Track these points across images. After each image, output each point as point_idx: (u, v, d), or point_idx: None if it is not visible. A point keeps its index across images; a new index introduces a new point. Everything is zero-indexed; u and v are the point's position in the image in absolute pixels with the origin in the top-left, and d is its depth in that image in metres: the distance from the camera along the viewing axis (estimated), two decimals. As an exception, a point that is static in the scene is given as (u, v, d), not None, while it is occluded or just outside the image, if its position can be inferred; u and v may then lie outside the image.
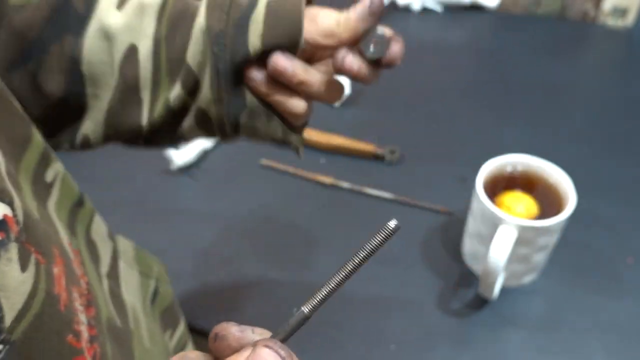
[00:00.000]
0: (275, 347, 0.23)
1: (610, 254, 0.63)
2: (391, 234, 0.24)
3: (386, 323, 0.57)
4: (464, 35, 1.02)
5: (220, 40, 0.35)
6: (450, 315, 0.58)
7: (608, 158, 0.74)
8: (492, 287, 0.54)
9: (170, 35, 0.36)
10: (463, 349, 0.55)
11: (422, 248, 0.64)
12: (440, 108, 0.85)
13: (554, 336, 0.56)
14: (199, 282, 0.63)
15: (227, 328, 0.24)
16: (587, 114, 0.83)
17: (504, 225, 0.53)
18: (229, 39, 0.35)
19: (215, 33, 0.34)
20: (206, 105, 0.37)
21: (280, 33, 0.34)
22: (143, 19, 0.36)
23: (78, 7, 0.36)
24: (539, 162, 0.59)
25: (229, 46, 0.35)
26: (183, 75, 0.36)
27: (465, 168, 0.74)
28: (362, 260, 0.24)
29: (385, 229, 0.24)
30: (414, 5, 1.08)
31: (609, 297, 0.59)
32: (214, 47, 0.35)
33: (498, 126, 0.80)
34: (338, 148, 0.77)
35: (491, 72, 0.91)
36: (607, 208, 0.67)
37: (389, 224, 0.24)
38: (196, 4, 0.37)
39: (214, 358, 0.24)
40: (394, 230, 0.24)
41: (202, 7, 0.36)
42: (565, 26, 1.01)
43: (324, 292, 0.25)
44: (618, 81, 0.88)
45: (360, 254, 0.24)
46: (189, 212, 0.71)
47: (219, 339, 0.24)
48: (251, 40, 0.34)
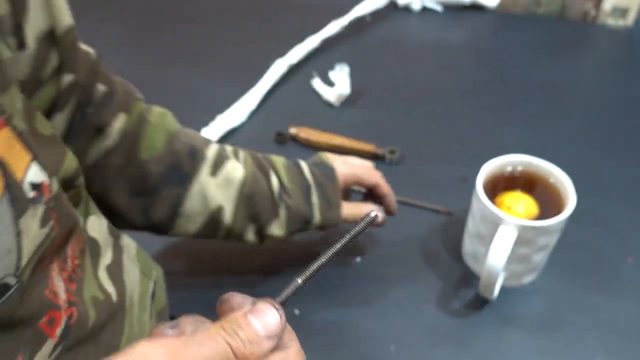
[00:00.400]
0: (272, 302, 0.28)
1: (610, 254, 0.62)
2: (370, 223, 0.33)
3: (386, 323, 0.57)
4: (464, 35, 1.02)
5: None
6: (450, 315, 0.58)
7: (608, 158, 0.74)
8: (492, 287, 0.54)
9: (245, 204, 0.51)
10: (463, 349, 0.55)
11: (422, 248, 0.64)
12: (440, 108, 0.85)
13: (554, 336, 0.56)
14: (195, 284, 0.63)
15: (231, 294, 0.29)
16: (587, 114, 0.82)
17: (504, 225, 0.53)
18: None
19: (291, 232, 0.54)
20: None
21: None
22: (228, 189, 0.50)
23: (186, 168, 0.49)
24: (539, 162, 0.59)
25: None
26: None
27: (465, 168, 0.74)
28: (347, 242, 0.32)
29: (367, 218, 0.33)
30: (414, 4, 1.08)
31: (609, 297, 0.59)
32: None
33: (498, 126, 0.80)
34: (338, 148, 0.77)
35: (491, 72, 0.91)
36: (607, 208, 0.67)
37: (370, 215, 0.33)
38: (270, 192, 0.52)
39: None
40: (372, 220, 0.33)
41: (282, 215, 0.53)
42: (566, 26, 1.01)
43: (315, 267, 0.32)
44: (618, 81, 0.88)
45: (346, 237, 0.32)
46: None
47: (223, 302, 0.29)
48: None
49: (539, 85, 0.88)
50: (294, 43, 0.95)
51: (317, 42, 0.96)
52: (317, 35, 0.97)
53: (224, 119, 0.82)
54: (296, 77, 0.93)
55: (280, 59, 0.92)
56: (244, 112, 0.84)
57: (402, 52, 0.98)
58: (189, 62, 0.98)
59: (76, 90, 0.41)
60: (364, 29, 1.04)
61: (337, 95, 0.85)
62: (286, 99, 0.88)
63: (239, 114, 0.83)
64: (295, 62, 0.94)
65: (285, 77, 0.92)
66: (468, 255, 0.62)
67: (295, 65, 0.94)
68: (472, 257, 0.61)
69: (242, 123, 0.83)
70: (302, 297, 0.58)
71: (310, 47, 0.95)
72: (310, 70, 0.92)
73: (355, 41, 1.01)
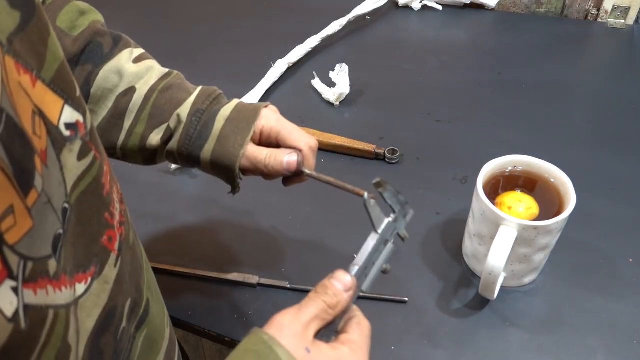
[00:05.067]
0: (344, 270, 0.39)
1: (610, 254, 0.62)
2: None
3: (386, 323, 0.57)
4: (463, 35, 1.02)
5: (199, 115, 0.49)
6: (450, 315, 0.58)
7: (608, 158, 0.74)
8: (493, 287, 0.54)
9: (163, 92, 0.49)
10: (463, 349, 0.55)
11: (422, 248, 0.64)
12: (441, 108, 0.85)
13: (554, 336, 0.56)
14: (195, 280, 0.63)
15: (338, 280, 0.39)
16: (587, 114, 0.82)
17: (504, 225, 0.53)
18: (202, 123, 0.49)
19: (197, 109, 0.49)
20: (174, 150, 0.50)
21: (222, 163, 0.49)
22: (149, 74, 0.49)
23: (105, 49, 0.48)
24: (539, 162, 0.59)
25: (199, 127, 0.48)
26: (162, 124, 0.49)
27: (465, 168, 0.74)
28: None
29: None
30: (414, 4, 1.08)
31: (609, 297, 0.58)
32: (192, 117, 0.48)
33: (498, 126, 0.80)
34: (338, 148, 0.77)
35: (491, 72, 0.91)
36: (607, 208, 0.67)
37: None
38: (192, 87, 0.50)
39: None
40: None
41: (195, 92, 0.50)
42: (566, 25, 1.01)
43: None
44: (619, 81, 0.88)
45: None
46: (187, 211, 0.71)
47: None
48: (205, 149, 0.48)
49: (539, 85, 0.88)
50: (294, 43, 0.95)
51: (317, 42, 0.96)
52: (317, 35, 0.97)
53: (224, 119, 0.82)
54: (296, 77, 0.93)
55: (280, 59, 0.92)
56: (244, 112, 0.84)
57: (402, 51, 0.98)
58: (189, 62, 0.98)
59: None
60: (364, 28, 1.04)
61: (337, 95, 0.85)
62: (286, 99, 0.88)
63: (239, 114, 0.83)
64: (295, 62, 0.94)
65: (285, 77, 0.92)
66: (468, 255, 0.62)
67: (295, 65, 0.94)
68: (472, 257, 0.61)
69: (242, 123, 0.83)
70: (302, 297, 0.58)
71: (310, 47, 0.96)
72: (310, 70, 0.92)
73: (355, 41, 1.01)
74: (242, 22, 1.09)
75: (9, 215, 0.23)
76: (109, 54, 0.48)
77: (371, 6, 1.04)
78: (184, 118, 0.48)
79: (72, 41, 0.47)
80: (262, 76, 0.90)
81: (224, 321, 0.59)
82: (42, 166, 0.27)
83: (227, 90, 0.88)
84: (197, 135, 0.48)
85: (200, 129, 0.48)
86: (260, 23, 1.08)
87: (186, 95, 0.49)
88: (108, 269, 0.34)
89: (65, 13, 0.47)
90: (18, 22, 0.27)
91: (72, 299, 0.29)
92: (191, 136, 0.48)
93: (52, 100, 0.30)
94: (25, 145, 0.25)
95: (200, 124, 0.48)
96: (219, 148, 0.48)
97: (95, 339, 0.33)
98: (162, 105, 0.49)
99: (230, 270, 0.63)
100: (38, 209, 0.26)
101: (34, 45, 0.28)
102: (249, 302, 0.60)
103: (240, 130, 0.48)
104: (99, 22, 0.50)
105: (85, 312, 0.32)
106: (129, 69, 0.48)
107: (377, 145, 0.76)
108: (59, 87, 0.30)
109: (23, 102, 0.26)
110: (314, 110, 0.85)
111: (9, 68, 0.25)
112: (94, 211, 0.33)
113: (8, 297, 0.23)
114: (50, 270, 0.27)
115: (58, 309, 0.27)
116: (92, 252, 0.33)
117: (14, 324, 0.23)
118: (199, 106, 0.49)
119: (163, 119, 0.49)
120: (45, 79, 0.29)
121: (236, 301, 0.60)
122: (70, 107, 0.31)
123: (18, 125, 0.25)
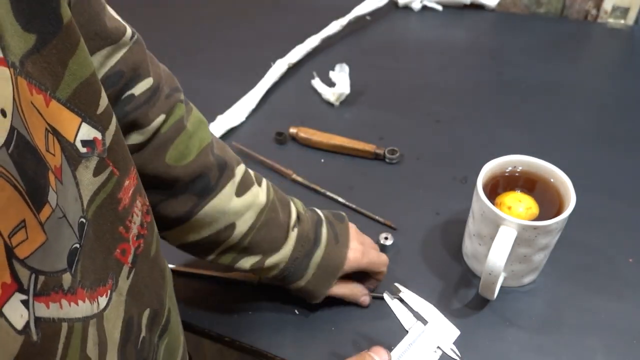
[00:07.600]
0: (384, 349, 0.47)
1: (610, 254, 0.62)
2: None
3: (386, 323, 0.57)
4: (464, 35, 1.02)
5: (294, 262, 0.54)
6: (450, 315, 0.58)
7: (608, 158, 0.74)
8: (493, 288, 0.54)
9: (260, 230, 0.52)
10: (463, 349, 0.55)
11: (422, 248, 0.64)
12: (441, 108, 0.85)
13: (554, 336, 0.56)
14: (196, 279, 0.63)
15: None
16: (587, 114, 0.82)
17: (504, 225, 0.53)
18: (295, 269, 0.54)
19: (295, 257, 0.53)
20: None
21: (304, 296, 0.57)
22: (249, 212, 0.51)
23: (211, 181, 0.49)
24: (539, 162, 0.59)
25: (293, 270, 0.54)
26: (255, 256, 0.53)
27: (465, 168, 0.74)
28: None
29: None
30: (414, 4, 1.08)
31: (609, 297, 0.58)
32: (290, 264, 0.53)
33: (498, 126, 0.80)
34: (338, 148, 0.77)
35: (491, 72, 0.91)
36: (607, 208, 0.67)
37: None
38: (285, 222, 0.53)
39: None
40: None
41: (291, 239, 0.53)
42: (566, 25, 1.01)
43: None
44: (618, 81, 0.88)
45: None
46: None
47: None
48: (292, 287, 0.55)
49: (539, 85, 0.88)
50: (294, 43, 0.95)
51: (317, 42, 0.96)
52: (317, 35, 0.97)
53: (224, 119, 0.82)
54: (296, 77, 0.93)
55: (280, 59, 0.92)
56: (244, 112, 0.84)
57: (402, 51, 0.98)
58: (189, 62, 0.98)
59: (121, 80, 0.41)
60: (364, 28, 1.04)
61: (337, 95, 0.85)
62: (286, 99, 0.88)
63: (239, 114, 0.83)
64: (295, 62, 0.94)
65: (285, 77, 0.92)
66: (468, 255, 0.62)
67: (295, 65, 0.94)
68: (472, 257, 0.61)
69: (242, 123, 0.83)
70: (302, 302, 0.58)
71: (310, 47, 0.96)
72: (310, 70, 0.92)
73: (355, 41, 1.01)
74: (242, 22, 1.09)
75: (20, 229, 0.24)
76: (214, 186, 0.49)
77: (371, 6, 1.04)
78: (282, 265, 0.53)
79: (182, 170, 0.47)
80: (262, 76, 0.90)
81: (224, 321, 0.59)
82: (56, 182, 0.27)
83: (227, 90, 0.88)
84: (290, 276, 0.54)
85: (294, 271, 0.54)
86: (260, 23, 1.08)
87: (281, 236, 0.53)
88: (121, 282, 0.35)
89: (175, 147, 0.46)
90: (32, 45, 0.27)
91: (91, 312, 0.30)
92: (284, 277, 0.54)
93: (68, 118, 0.30)
94: (37, 162, 0.26)
95: (294, 269, 0.54)
96: (305, 288, 0.55)
97: (122, 349, 0.34)
98: (258, 241, 0.52)
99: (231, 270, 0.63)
100: (52, 224, 0.26)
101: (50, 66, 0.28)
102: (249, 302, 0.60)
103: (327, 279, 0.55)
104: (207, 146, 0.49)
105: (111, 323, 0.32)
106: (232, 208, 0.50)
107: (377, 145, 0.76)
108: (76, 105, 0.30)
109: (35, 120, 0.26)
110: (314, 110, 0.85)
111: (21, 88, 0.25)
112: (109, 225, 0.34)
113: (18, 310, 0.23)
114: (64, 284, 0.27)
115: (73, 322, 0.28)
116: (108, 266, 0.33)
117: (25, 336, 0.23)
118: (297, 254, 0.53)
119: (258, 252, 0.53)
120: (60, 99, 0.29)
121: (236, 301, 0.60)
122: (88, 124, 0.31)
123: (30, 143, 0.25)
